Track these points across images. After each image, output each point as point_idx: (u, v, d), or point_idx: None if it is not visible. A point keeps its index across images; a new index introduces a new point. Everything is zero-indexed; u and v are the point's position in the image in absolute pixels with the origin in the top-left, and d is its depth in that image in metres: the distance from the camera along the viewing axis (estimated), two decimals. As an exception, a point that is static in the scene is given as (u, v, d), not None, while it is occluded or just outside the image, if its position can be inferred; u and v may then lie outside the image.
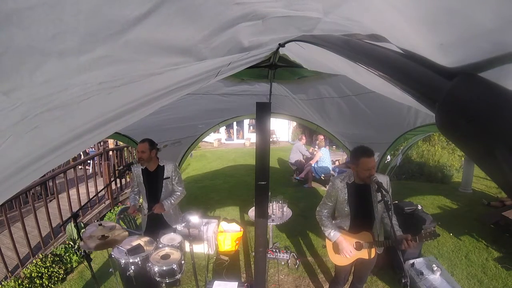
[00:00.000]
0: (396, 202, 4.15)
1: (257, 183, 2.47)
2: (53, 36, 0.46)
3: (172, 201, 3.20)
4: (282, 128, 16.47)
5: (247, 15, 0.68)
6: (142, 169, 3.19)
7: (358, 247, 2.42)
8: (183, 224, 2.64)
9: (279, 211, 3.95)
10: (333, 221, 2.54)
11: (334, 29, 0.82)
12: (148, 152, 3.05)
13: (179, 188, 3.29)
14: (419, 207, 3.91)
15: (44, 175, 4.70)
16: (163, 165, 3.20)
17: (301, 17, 0.78)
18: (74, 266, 4.15)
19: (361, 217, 2.42)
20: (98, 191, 5.77)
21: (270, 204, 3.76)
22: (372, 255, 2.47)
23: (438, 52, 0.47)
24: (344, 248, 2.39)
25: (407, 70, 0.49)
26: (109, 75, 0.66)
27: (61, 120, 0.82)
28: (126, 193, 6.56)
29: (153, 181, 3.21)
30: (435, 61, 0.49)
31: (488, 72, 0.39)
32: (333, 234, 2.42)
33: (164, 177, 3.19)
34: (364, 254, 2.45)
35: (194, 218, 2.66)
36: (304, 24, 0.83)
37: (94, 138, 1.20)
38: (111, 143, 9.84)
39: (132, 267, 2.63)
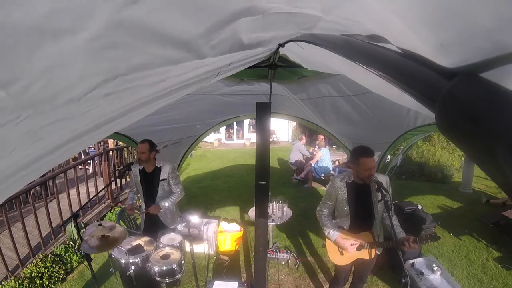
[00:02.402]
0: (396, 202, 4.15)
1: (257, 183, 2.46)
2: (48, 13, 0.45)
3: (170, 202, 3.20)
4: (282, 128, 16.47)
5: (248, 9, 0.68)
6: (139, 169, 3.20)
7: (358, 247, 2.42)
8: (183, 224, 2.64)
9: (279, 211, 3.94)
10: (333, 221, 2.54)
11: (334, 28, 0.82)
12: (147, 153, 3.04)
13: (177, 189, 3.29)
14: (419, 207, 3.91)
15: (44, 175, 4.70)
16: (160, 167, 3.20)
17: (302, 15, 0.78)
18: (74, 266, 4.16)
19: (361, 217, 2.42)
20: (98, 191, 5.77)
21: (270, 204, 3.76)
22: (372, 255, 2.47)
23: (438, 53, 0.47)
24: (343, 245, 2.38)
25: (407, 70, 0.49)
26: (109, 72, 0.65)
27: (63, 127, 0.82)
28: (126, 193, 6.56)
29: (150, 182, 3.21)
30: (435, 61, 0.49)
31: (488, 72, 0.39)
32: (332, 233, 2.42)
33: (160, 178, 3.19)
34: (364, 254, 2.45)
35: (194, 218, 2.66)
36: (304, 21, 0.83)
37: (93, 138, 1.20)
38: (111, 143, 9.84)
39: (132, 267, 2.63)
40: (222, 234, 4.34)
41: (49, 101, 0.60)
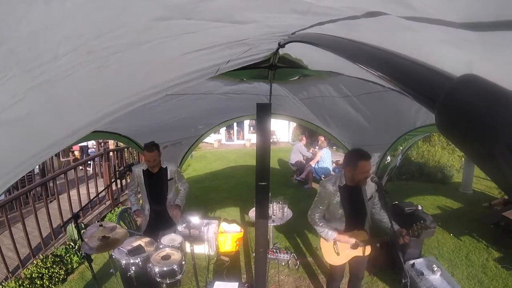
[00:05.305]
0: (396, 202, 4.15)
1: (257, 184, 2.47)
2: None
3: (182, 198, 3.35)
4: (282, 129, 16.46)
5: None
6: (143, 169, 3.19)
7: (355, 246, 2.43)
8: (184, 225, 2.64)
9: (279, 211, 3.94)
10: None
11: (327, 13, 0.82)
12: (158, 159, 3.13)
13: (184, 185, 3.43)
14: (419, 208, 3.90)
15: (45, 176, 4.71)
16: (166, 167, 3.22)
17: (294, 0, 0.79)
18: (74, 266, 4.15)
19: (354, 218, 2.45)
20: (99, 192, 5.77)
21: (271, 204, 3.76)
22: (366, 252, 2.51)
23: (448, 9, 0.48)
24: (346, 239, 2.40)
25: (407, 70, 0.49)
26: (93, 31, 0.65)
27: (54, 106, 0.82)
28: (126, 193, 6.56)
29: (157, 183, 3.22)
30: (444, 17, 0.50)
31: (495, 33, 0.39)
32: (330, 233, 2.43)
33: (169, 178, 3.24)
34: (358, 251, 2.49)
35: (195, 219, 2.66)
36: (297, 5, 0.83)
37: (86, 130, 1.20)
38: (111, 144, 9.85)
39: (133, 267, 2.63)
40: (223, 234, 4.34)
41: (34, 59, 0.61)
